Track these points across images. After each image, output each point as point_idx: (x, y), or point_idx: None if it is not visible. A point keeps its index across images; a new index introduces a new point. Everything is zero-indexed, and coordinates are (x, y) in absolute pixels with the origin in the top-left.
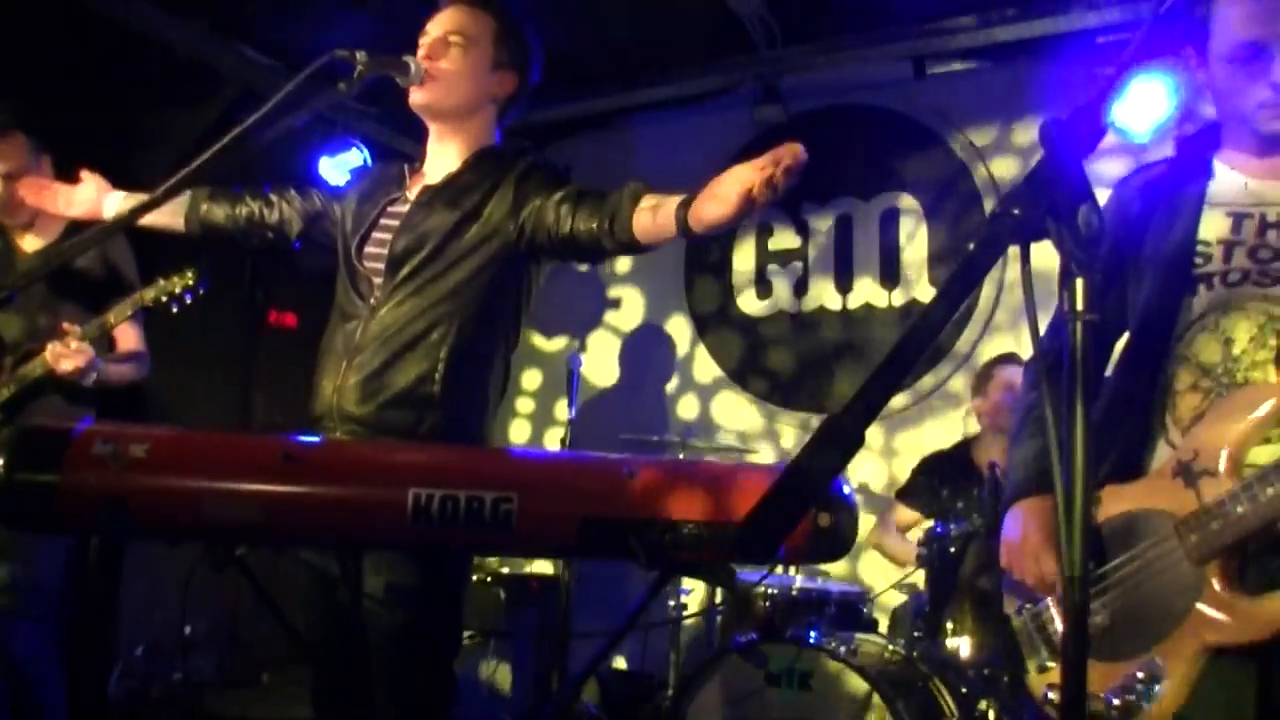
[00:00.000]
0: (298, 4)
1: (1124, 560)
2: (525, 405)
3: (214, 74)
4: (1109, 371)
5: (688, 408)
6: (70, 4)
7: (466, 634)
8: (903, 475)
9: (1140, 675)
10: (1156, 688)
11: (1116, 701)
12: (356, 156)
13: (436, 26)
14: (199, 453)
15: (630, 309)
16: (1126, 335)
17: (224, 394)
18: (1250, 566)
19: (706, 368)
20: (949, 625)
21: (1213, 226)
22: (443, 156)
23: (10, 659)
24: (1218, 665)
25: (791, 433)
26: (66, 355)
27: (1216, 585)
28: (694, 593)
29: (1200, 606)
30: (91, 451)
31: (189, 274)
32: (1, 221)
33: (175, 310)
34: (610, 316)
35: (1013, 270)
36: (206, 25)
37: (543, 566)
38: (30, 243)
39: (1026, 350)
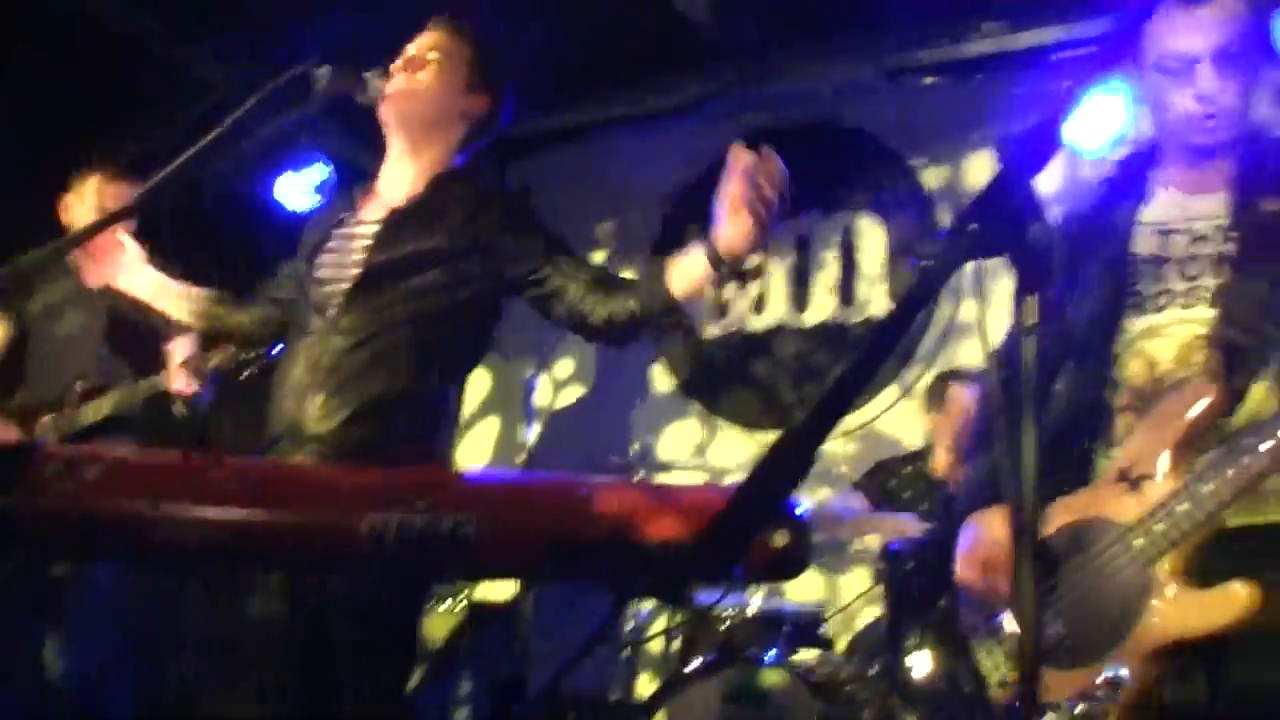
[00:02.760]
0: (259, 20)
1: (1076, 567)
2: (485, 428)
3: (184, 85)
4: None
5: (647, 428)
6: (39, 11)
7: (425, 658)
8: None
9: (1102, 680)
10: (1118, 690)
11: (1081, 707)
12: (321, 171)
13: (417, 45)
14: (154, 475)
15: None
16: (1070, 359)
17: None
18: (1197, 561)
19: (665, 388)
20: (907, 643)
21: (1144, 245)
22: (401, 177)
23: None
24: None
25: (750, 452)
26: (191, 380)
27: (1166, 583)
28: (653, 615)
29: (1153, 605)
30: (45, 474)
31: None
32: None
33: (242, 377)
34: (569, 339)
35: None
36: (178, 34)
37: (502, 589)
38: (88, 276)
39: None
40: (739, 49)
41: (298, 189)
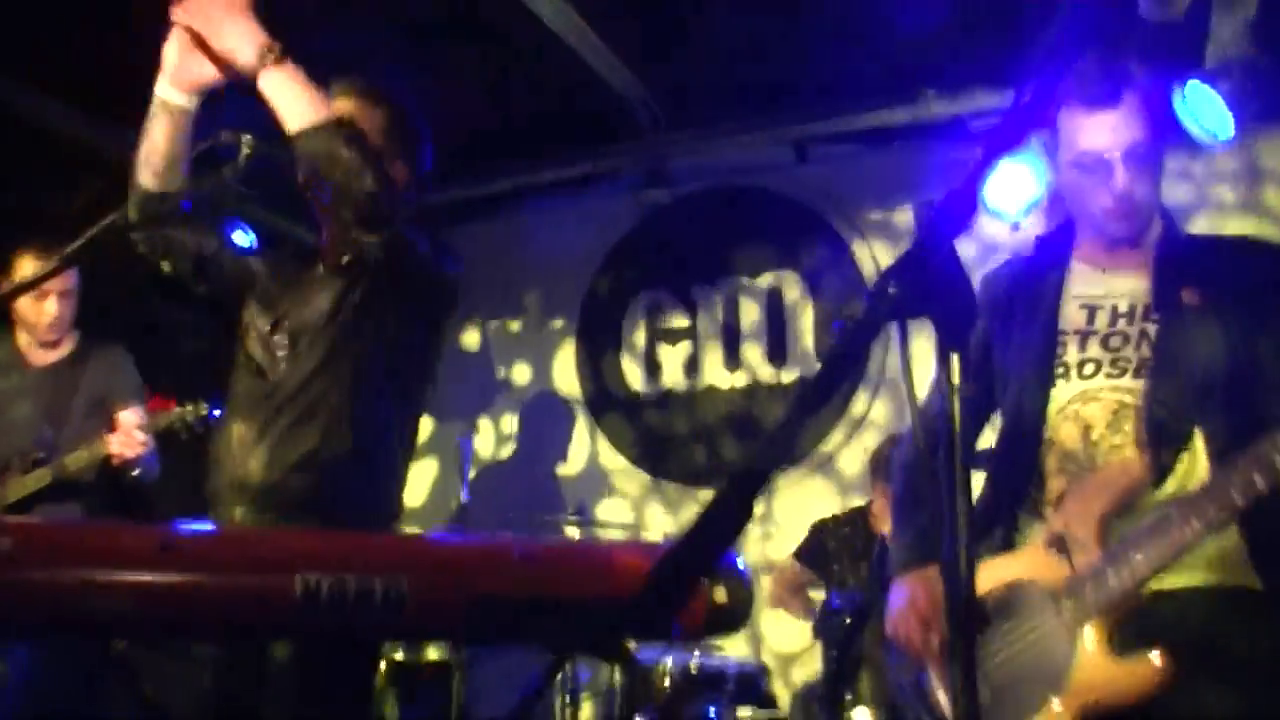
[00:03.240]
0: None
1: (1006, 629)
2: (419, 488)
3: (91, 155)
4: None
5: (580, 487)
6: None
7: None
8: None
9: None
10: None
11: None
12: (243, 239)
13: None
14: (69, 544)
15: (522, 391)
16: (1001, 424)
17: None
18: (1121, 629)
19: (599, 447)
20: (848, 697)
21: (1069, 318)
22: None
23: None
24: None
25: (684, 510)
26: (129, 444)
27: (1091, 649)
28: (593, 674)
29: (1077, 669)
30: None
31: (202, 404)
32: (35, 335)
33: (185, 437)
34: (501, 398)
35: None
36: (83, 105)
37: (435, 651)
38: (41, 356)
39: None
40: (662, 118)
41: None
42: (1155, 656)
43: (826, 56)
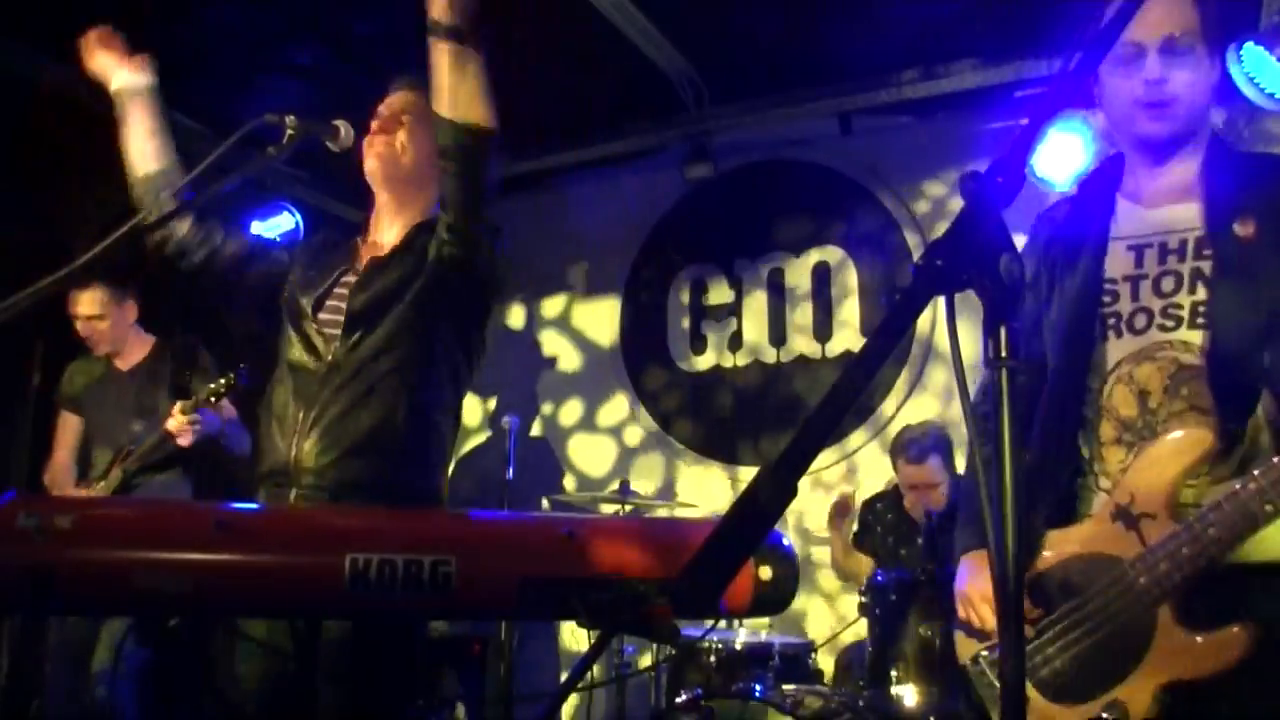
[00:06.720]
0: (225, 69)
1: (1078, 604)
2: (463, 466)
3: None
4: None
5: (625, 464)
6: None
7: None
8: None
9: (1104, 717)
10: None
11: None
12: (288, 220)
13: (389, 106)
14: (127, 522)
15: (566, 368)
16: (1046, 385)
17: None
18: (1199, 602)
19: (644, 424)
20: (894, 674)
21: (1117, 263)
22: (388, 230)
23: None
24: (1181, 701)
25: (730, 487)
26: (183, 431)
27: (1170, 623)
28: (639, 650)
29: (1156, 645)
30: (15, 525)
31: (231, 375)
32: (97, 351)
33: (216, 402)
34: (546, 375)
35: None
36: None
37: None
38: (125, 362)
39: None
40: (706, 93)
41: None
42: (1238, 631)
43: (869, 27)
